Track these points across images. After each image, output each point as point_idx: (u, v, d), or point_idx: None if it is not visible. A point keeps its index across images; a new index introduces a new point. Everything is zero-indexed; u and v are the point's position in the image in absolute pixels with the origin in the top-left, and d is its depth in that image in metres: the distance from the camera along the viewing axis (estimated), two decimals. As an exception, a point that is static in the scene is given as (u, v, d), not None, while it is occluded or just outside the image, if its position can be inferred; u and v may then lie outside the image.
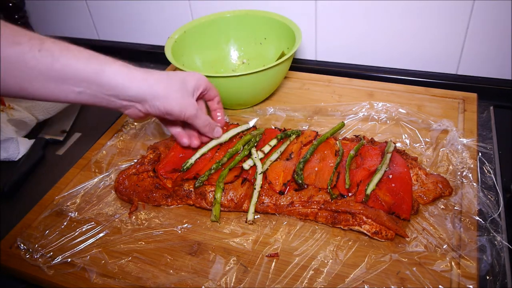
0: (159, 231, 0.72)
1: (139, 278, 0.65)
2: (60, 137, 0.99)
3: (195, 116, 0.72)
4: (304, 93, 1.02)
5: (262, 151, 0.78)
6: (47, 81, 0.57)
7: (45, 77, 0.57)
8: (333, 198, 0.70)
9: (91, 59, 0.60)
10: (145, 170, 0.78)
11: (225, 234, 0.71)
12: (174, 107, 0.68)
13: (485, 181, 0.75)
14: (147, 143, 0.90)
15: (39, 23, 1.36)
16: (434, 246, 0.65)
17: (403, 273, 0.62)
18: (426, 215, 0.70)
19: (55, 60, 0.56)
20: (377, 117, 0.91)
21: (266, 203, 0.72)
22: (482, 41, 0.96)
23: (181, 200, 0.76)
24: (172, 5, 1.18)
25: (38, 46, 0.55)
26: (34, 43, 0.55)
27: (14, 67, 0.54)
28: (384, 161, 0.73)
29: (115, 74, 0.61)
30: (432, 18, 0.97)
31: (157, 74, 0.67)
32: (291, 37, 0.97)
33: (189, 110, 0.70)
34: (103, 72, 0.60)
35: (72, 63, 0.58)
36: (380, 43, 1.05)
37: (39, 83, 0.57)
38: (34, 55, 0.55)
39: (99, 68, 0.60)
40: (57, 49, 0.57)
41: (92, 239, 0.71)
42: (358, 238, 0.68)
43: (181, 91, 0.69)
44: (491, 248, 0.64)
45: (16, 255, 0.70)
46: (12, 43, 0.54)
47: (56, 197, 0.80)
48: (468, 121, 0.88)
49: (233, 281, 0.64)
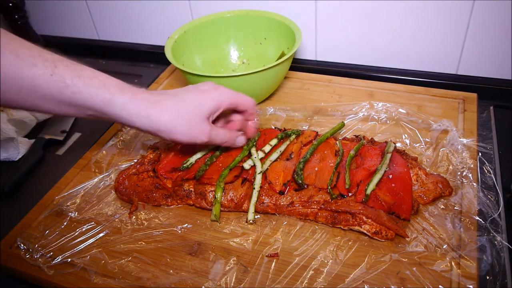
0: (159, 231, 0.72)
1: (139, 278, 0.65)
2: (60, 137, 0.99)
3: (209, 141, 0.69)
4: (304, 93, 1.02)
5: (262, 151, 0.78)
6: (59, 103, 0.58)
7: (57, 100, 0.57)
8: (333, 198, 0.70)
9: (101, 88, 0.59)
10: (145, 170, 0.79)
11: (225, 234, 0.71)
12: (182, 138, 0.66)
13: (485, 181, 0.75)
14: (147, 143, 0.90)
15: (39, 23, 1.36)
16: (434, 246, 0.65)
17: (403, 273, 0.62)
18: (426, 215, 0.70)
19: (66, 87, 0.57)
20: (377, 117, 0.91)
21: (266, 203, 0.72)
22: (482, 41, 0.96)
23: (181, 200, 0.76)
24: (172, 5, 1.18)
25: (51, 70, 0.56)
26: (48, 65, 0.56)
27: (29, 88, 0.55)
28: (384, 161, 0.73)
29: (121, 109, 0.61)
30: (432, 18, 0.97)
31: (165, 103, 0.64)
32: (291, 37, 0.97)
33: (199, 138, 0.67)
34: (111, 103, 0.60)
35: (83, 91, 0.58)
36: (380, 43, 1.05)
37: (52, 103, 0.58)
38: (46, 79, 0.55)
39: (108, 98, 0.60)
40: (69, 76, 0.57)
41: (92, 239, 0.71)
42: (358, 238, 0.68)
43: (189, 121, 0.65)
44: (491, 248, 0.64)
45: (16, 255, 0.70)
46: (31, 64, 0.54)
47: (56, 197, 0.80)
48: (468, 121, 0.88)
49: (233, 281, 0.64)
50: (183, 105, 0.65)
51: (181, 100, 0.66)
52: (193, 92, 0.68)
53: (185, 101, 0.66)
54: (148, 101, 0.63)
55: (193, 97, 0.67)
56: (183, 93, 0.67)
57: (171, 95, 0.66)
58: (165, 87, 1.08)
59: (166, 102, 0.64)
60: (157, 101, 0.64)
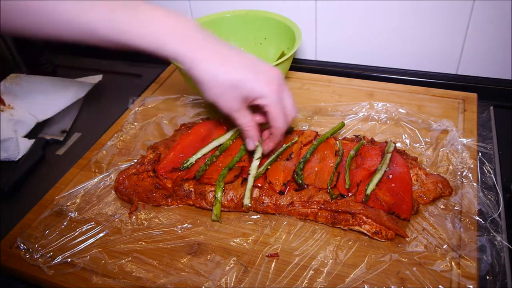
0: (159, 231, 0.72)
1: (139, 278, 0.65)
2: (60, 137, 0.99)
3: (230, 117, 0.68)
4: (304, 93, 1.02)
5: None
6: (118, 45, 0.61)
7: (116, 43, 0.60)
8: (333, 198, 0.70)
9: (155, 34, 0.60)
10: (145, 170, 0.79)
11: (225, 234, 0.71)
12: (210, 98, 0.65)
13: (485, 181, 0.75)
14: (147, 143, 0.90)
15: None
16: (434, 246, 0.65)
17: (403, 273, 0.62)
18: (426, 215, 0.70)
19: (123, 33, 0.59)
20: (377, 117, 0.91)
21: (266, 203, 0.72)
22: (482, 41, 0.96)
23: (181, 200, 0.76)
24: (172, 5, 1.18)
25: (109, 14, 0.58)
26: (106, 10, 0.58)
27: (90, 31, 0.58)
28: (384, 161, 0.74)
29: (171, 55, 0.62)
30: (432, 18, 0.97)
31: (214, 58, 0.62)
32: (291, 37, 0.97)
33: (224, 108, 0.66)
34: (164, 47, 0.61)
35: (136, 39, 0.60)
36: (380, 43, 1.05)
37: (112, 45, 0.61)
38: (105, 24, 0.58)
39: (161, 44, 0.61)
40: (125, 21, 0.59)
41: (92, 239, 0.71)
42: (358, 238, 0.68)
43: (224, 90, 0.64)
44: (491, 248, 0.64)
45: (16, 255, 0.70)
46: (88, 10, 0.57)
47: (56, 197, 0.80)
48: (468, 121, 0.88)
49: (233, 281, 0.64)
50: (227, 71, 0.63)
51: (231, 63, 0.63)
52: (249, 67, 0.64)
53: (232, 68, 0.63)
54: (196, 50, 0.62)
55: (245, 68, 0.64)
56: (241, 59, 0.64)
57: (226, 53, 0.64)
58: (165, 87, 1.08)
59: (215, 57, 0.63)
60: (210, 51, 0.62)
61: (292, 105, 0.69)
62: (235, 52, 0.65)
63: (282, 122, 0.68)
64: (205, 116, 0.95)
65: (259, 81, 0.64)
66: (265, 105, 0.65)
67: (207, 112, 0.98)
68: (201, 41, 0.62)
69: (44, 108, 1.05)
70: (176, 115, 0.97)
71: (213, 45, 0.63)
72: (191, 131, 0.85)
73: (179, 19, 0.62)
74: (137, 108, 1.00)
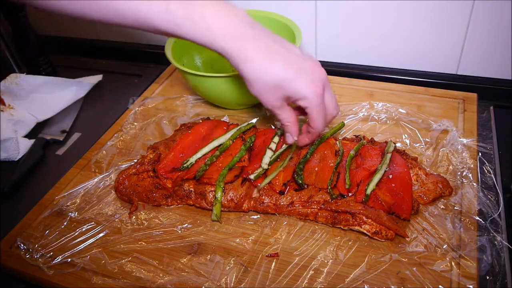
0: (159, 231, 0.72)
1: (139, 278, 0.65)
2: (60, 137, 0.99)
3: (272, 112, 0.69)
4: (304, 93, 1.02)
5: (270, 149, 0.78)
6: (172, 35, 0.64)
7: (171, 34, 0.63)
8: (333, 198, 0.70)
9: (206, 31, 0.62)
10: (145, 170, 0.79)
11: (225, 234, 0.71)
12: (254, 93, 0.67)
13: (485, 181, 0.75)
14: (147, 143, 0.90)
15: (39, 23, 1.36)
16: (434, 246, 0.65)
17: (403, 273, 0.62)
18: (426, 215, 0.70)
19: (177, 26, 0.61)
20: (377, 117, 0.91)
21: (266, 203, 0.72)
22: (482, 41, 0.96)
23: (181, 200, 0.76)
24: (172, 5, 1.18)
25: (164, 7, 0.60)
26: (162, 3, 0.60)
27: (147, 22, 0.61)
28: (384, 161, 0.74)
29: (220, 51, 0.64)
30: (432, 18, 0.97)
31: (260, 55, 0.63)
32: (291, 37, 0.97)
33: (266, 104, 0.67)
34: (214, 47, 0.63)
35: (191, 33, 0.62)
36: (380, 43, 1.05)
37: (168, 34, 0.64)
38: (161, 17, 0.60)
39: (212, 40, 0.62)
40: (180, 15, 0.61)
41: (92, 239, 0.71)
42: (358, 238, 0.68)
43: (266, 87, 0.64)
44: (491, 248, 0.64)
45: (16, 255, 0.70)
46: (145, 3, 0.60)
47: (56, 197, 0.80)
48: (468, 121, 0.88)
49: (233, 281, 0.64)
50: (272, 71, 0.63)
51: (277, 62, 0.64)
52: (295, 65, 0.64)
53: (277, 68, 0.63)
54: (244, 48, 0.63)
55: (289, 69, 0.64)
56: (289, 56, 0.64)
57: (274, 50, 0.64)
58: (165, 87, 1.08)
59: (262, 56, 0.63)
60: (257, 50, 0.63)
61: (334, 105, 0.70)
62: (284, 48, 0.65)
63: (320, 124, 0.69)
64: (205, 116, 0.95)
65: (303, 83, 0.64)
66: (306, 107, 0.66)
67: (207, 112, 0.98)
68: (249, 39, 0.63)
69: (44, 108, 1.05)
70: (176, 115, 0.97)
71: (262, 42, 0.64)
72: (191, 131, 0.85)
73: (231, 14, 0.63)
74: (137, 108, 1.00)
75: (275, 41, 0.65)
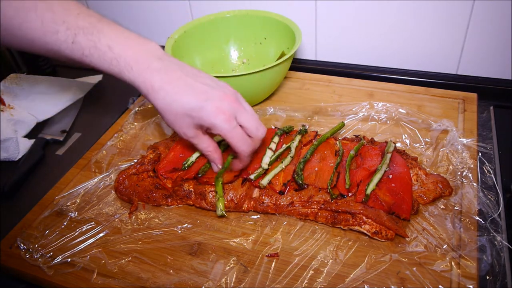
0: (159, 231, 0.72)
1: (139, 278, 0.65)
2: (60, 137, 0.99)
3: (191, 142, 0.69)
4: (304, 93, 1.02)
5: (270, 149, 0.78)
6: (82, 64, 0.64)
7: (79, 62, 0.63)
8: (333, 198, 0.70)
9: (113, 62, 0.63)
10: (145, 170, 0.79)
11: (225, 234, 0.71)
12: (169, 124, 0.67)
13: (485, 181, 0.75)
14: (147, 143, 0.90)
15: (39, 23, 1.36)
16: (434, 246, 0.65)
17: (403, 273, 0.62)
18: (426, 215, 0.70)
19: (84, 56, 0.62)
20: (377, 117, 0.91)
21: (266, 203, 0.72)
22: (482, 41, 0.96)
23: (181, 200, 0.76)
24: (172, 5, 1.18)
25: (72, 37, 0.61)
26: (69, 34, 0.60)
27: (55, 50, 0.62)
28: (384, 161, 0.74)
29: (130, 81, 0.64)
30: (432, 18, 0.97)
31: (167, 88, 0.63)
32: (291, 37, 0.97)
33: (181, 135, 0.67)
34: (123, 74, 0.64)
35: (98, 63, 0.63)
36: (380, 43, 1.05)
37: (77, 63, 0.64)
38: (68, 46, 0.61)
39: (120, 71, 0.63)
40: (87, 46, 0.61)
41: (92, 239, 0.71)
42: (358, 238, 0.68)
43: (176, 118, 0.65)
44: (491, 248, 0.64)
45: (16, 255, 0.70)
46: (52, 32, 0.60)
47: (56, 197, 0.80)
48: (468, 121, 0.88)
49: (233, 281, 0.64)
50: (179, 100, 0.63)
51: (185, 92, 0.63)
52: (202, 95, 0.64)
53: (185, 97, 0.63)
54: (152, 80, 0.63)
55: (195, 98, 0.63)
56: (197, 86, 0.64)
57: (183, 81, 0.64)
58: (165, 87, 1.08)
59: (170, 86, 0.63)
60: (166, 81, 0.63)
61: (255, 126, 0.66)
62: (193, 78, 0.65)
63: (243, 146, 0.66)
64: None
65: (209, 111, 0.63)
66: (220, 134, 0.65)
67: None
68: (156, 71, 0.63)
69: (44, 108, 1.05)
70: (176, 115, 0.97)
71: (171, 73, 0.64)
72: (191, 131, 0.85)
73: (139, 46, 0.64)
74: (137, 108, 1.00)
75: (185, 72, 0.65)
